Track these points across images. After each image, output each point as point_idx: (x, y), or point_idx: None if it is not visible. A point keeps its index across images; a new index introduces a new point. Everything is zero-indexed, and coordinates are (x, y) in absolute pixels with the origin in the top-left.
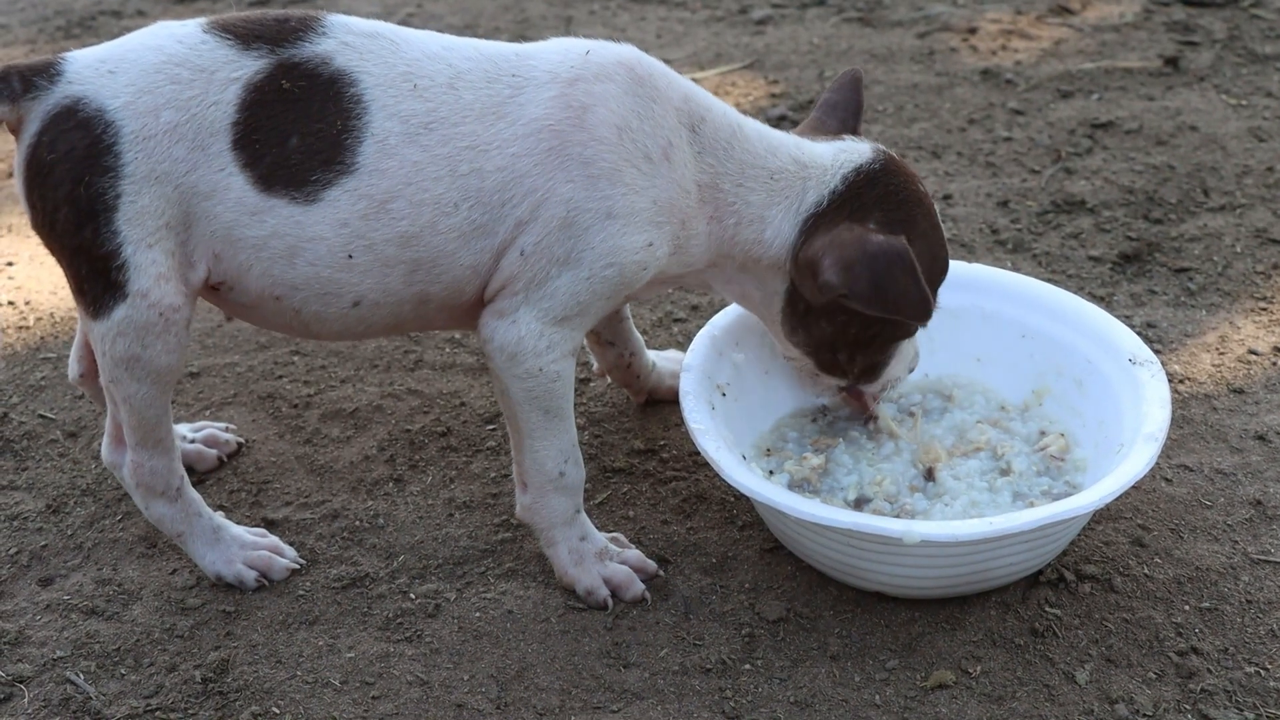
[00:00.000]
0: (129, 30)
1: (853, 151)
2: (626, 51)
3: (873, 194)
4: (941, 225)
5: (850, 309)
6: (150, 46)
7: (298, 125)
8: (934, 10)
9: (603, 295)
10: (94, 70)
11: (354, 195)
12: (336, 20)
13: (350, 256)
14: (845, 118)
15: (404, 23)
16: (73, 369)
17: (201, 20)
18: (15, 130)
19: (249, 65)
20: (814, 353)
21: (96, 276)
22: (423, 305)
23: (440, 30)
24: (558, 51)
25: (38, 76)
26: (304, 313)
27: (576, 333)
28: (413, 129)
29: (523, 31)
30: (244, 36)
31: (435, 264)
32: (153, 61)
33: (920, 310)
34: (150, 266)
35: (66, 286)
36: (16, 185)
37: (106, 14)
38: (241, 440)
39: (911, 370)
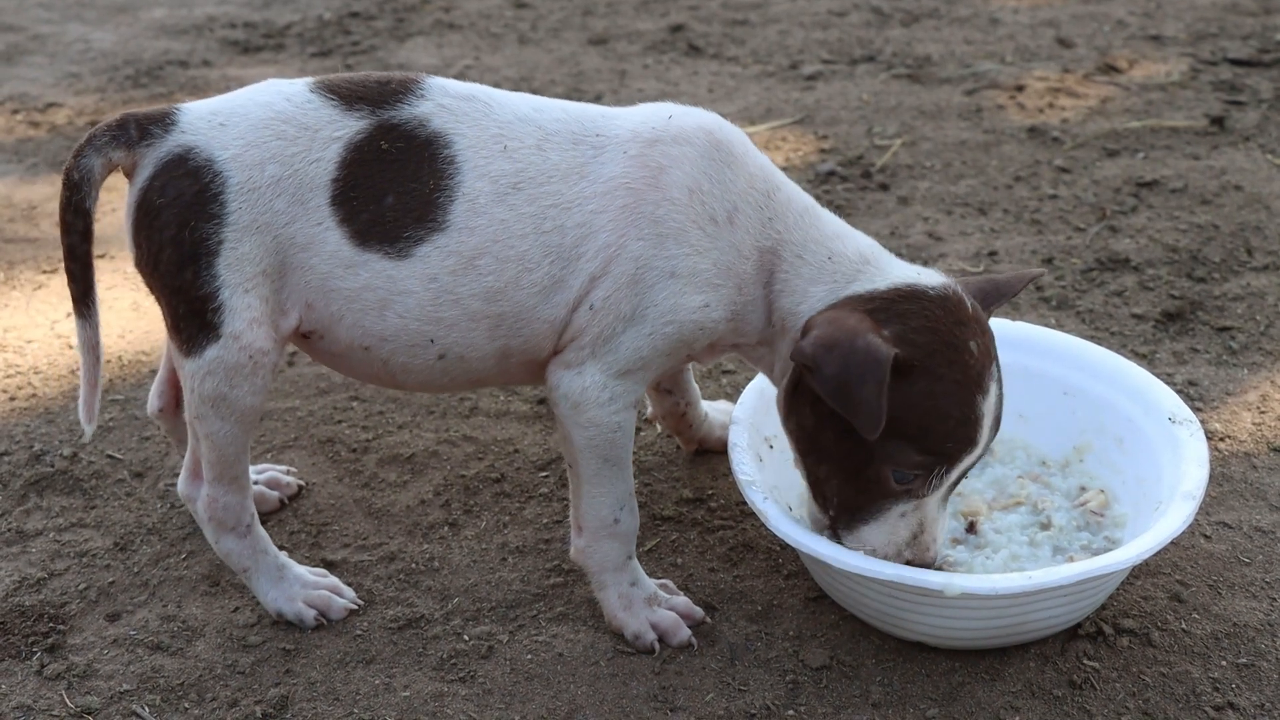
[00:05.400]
0: (195, 80)
1: (921, 274)
2: (708, 117)
3: (907, 308)
4: (979, 400)
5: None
6: (260, 103)
7: (394, 184)
8: (982, 68)
9: (663, 352)
10: (206, 122)
11: (444, 251)
12: (435, 83)
13: (438, 311)
14: (990, 290)
15: (461, 75)
16: (152, 403)
17: (309, 80)
18: (129, 174)
19: (351, 125)
20: (797, 444)
21: (193, 316)
22: (505, 359)
23: (496, 83)
24: (642, 114)
25: (153, 125)
26: (391, 364)
27: (638, 386)
28: (501, 189)
29: (577, 84)
30: (347, 97)
31: (518, 318)
32: (261, 117)
33: (869, 423)
34: (245, 310)
35: (133, 330)
36: (124, 226)
37: (173, 64)
38: (302, 483)
39: (924, 557)
